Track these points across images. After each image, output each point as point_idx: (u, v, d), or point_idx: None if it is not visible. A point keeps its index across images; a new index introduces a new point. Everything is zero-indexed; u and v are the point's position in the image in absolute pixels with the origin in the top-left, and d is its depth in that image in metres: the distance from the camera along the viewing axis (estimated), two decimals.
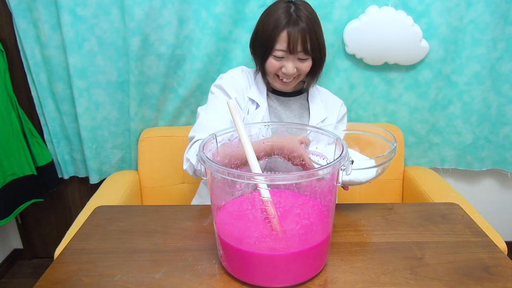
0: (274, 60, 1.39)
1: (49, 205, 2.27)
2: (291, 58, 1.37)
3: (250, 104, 1.49)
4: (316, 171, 0.80)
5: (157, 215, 1.22)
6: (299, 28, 1.32)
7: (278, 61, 1.39)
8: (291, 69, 1.38)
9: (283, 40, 1.34)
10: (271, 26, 1.35)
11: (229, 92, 1.44)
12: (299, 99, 1.56)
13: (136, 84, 1.88)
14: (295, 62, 1.39)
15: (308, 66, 1.41)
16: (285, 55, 1.37)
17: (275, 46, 1.36)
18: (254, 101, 1.49)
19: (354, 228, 1.13)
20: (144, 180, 1.96)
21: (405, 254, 1.01)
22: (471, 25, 1.84)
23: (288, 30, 1.33)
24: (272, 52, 1.38)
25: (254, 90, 1.50)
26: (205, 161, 0.85)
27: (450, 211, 1.22)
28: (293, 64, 1.38)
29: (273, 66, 1.40)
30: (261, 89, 1.51)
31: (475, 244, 1.05)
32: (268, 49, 1.38)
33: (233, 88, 1.47)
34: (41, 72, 1.89)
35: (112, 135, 2.03)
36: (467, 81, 1.93)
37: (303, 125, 1.15)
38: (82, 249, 1.04)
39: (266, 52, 1.40)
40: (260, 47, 1.42)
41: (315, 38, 1.36)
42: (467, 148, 2.07)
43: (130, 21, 1.76)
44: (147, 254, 1.02)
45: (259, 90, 1.51)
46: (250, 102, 1.49)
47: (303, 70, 1.41)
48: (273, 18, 1.36)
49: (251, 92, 1.50)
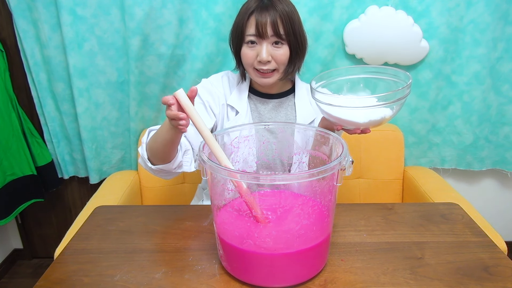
0: (247, 49, 1.35)
1: (49, 205, 2.27)
2: (264, 44, 1.32)
3: (230, 111, 1.46)
4: (316, 171, 0.80)
5: (157, 215, 1.22)
6: (268, 11, 1.30)
7: (252, 49, 1.35)
8: (264, 54, 1.32)
9: (251, 24, 1.32)
10: (242, 13, 1.34)
11: (202, 96, 1.43)
12: (285, 101, 1.50)
13: (136, 84, 1.88)
14: (269, 48, 1.33)
15: (285, 55, 1.35)
16: (257, 40, 1.33)
17: (245, 31, 1.33)
18: (234, 108, 1.45)
19: (354, 228, 1.13)
20: (144, 180, 1.96)
21: (405, 254, 1.01)
22: (471, 25, 1.84)
23: (258, 13, 1.30)
24: (244, 39, 1.34)
25: (234, 96, 1.47)
26: (205, 161, 0.85)
27: (450, 211, 1.22)
28: (267, 49, 1.32)
29: (247, 56, 1.36)
30: (242, 94, 1.47)
31: (475, 244, 1.05)
32: (240, 37, 1.35)
33: (208, 92, 1.45)
34: (41, 72, 1.89)
35: (112, 135, 2.03)
36: (467, 81, 1.93)
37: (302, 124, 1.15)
38: (82, 249, 1.05)
39: (239, 41, 1.37)
40: (234, 38, 1.40)
41: (287, 21, 1.31)
42: (467, 148, 2.07)
43: (130, 21, 1.76)
44: (147, 254, 1.02)
45: (240, 95, 1.47)
46: (229, 108, 1.46)
47: (279, 58, 1.34)
48: (245, 5, 1.35)
49: (231, 98, 1.46)
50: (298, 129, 1.13)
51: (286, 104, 1.50)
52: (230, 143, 1.08)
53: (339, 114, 1.05)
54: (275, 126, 1.14)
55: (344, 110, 1.04)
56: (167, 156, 1.22)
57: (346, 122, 1.07)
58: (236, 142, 1.10)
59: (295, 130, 1.15)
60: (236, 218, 0.92)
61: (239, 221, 0.90)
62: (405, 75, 1.09)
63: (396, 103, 1.01)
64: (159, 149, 1.19)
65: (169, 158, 1.23)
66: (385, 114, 1.04)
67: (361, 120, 1.04)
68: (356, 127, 1.09)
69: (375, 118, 1.04)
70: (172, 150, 1.20)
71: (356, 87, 1.19)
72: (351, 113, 1.04)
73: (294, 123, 1.44)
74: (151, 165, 1.25)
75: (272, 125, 1.13)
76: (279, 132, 1.15)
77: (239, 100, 1.46)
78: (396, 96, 1.00)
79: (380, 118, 1.04)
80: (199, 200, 1.64)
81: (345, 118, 1.05)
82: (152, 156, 1.24)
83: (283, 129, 1.15)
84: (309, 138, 1.12)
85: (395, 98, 1.00)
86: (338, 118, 1.06)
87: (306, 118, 1.47)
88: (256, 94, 1.50)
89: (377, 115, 1.04)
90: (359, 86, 1.18)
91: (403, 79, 1.10)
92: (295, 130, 1.15)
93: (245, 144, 1.12)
